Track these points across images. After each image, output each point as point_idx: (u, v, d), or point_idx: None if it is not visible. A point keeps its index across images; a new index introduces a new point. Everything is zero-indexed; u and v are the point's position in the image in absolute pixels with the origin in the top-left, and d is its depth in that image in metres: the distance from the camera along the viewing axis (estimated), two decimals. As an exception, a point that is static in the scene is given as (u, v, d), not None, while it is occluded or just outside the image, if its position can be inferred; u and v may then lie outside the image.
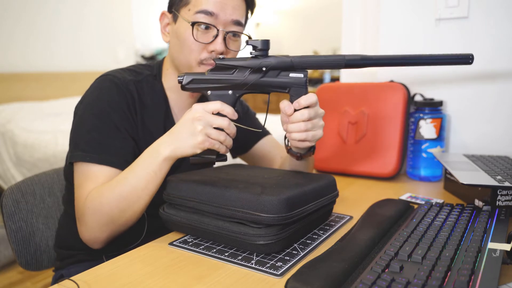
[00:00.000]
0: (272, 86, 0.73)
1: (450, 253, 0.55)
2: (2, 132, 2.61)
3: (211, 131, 0.68)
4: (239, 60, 0.72)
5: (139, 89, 0.86)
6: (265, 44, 0.71)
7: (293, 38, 5.18)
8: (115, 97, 0.82)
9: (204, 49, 0.82)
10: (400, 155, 1.10)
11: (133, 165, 0.73)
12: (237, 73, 0.72)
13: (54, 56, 3.40)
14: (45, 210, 1.01)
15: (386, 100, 1.12)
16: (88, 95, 0.84)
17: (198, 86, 0.72)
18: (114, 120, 0.80)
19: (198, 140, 0.68)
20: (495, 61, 1.06)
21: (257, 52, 0.71)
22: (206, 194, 0.67)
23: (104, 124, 0.79)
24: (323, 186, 0.72)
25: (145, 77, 0.89)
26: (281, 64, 0.71)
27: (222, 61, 0.72)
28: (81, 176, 0.77)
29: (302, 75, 0.72)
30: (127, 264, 0.62)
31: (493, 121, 1.08)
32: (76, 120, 0.83)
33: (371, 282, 0.48)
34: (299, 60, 0.71)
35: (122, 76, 0.85)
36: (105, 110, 0.80)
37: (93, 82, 0.85)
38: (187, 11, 0.82)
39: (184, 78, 0.72)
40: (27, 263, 0.96)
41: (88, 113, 0.81)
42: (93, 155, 0.77)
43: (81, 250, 0.90)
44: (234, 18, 0.82)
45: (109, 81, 0.83)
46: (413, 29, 1.16)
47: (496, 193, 0.76)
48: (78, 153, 0.77)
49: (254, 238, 0.61)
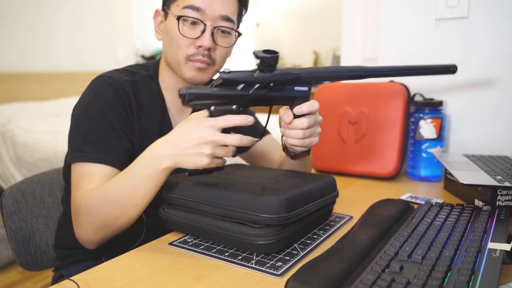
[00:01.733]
0: (277, 100, 0.71)
1: (450, 253, 0.55)
2: (2, 132, 2.61)
3: (219, 151, 0.65)
4: (246, 74, 0.67)
5: (135, 90, 0.86)
6: (274, 60, 0.67)
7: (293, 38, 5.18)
8: (111, 99, 0.82)
9: (192, 44, 0.81)
10: (400, 155, 1.10)
11: (129, 171, 0.70)
12: (243, 88, 0.67)
13: (54, 56, 3.40)
14: (45, 210, 1.01)
15: (386, 100, 1.12)
16: (84, 97, 0.83)
17: (201, 102, 0.66)
18: (110, 120, 0.80)
19: (203, 162, 0.64)
20: (495, 61, 1.06)
21: (265, 68, 0.68)
22: (206, 194, 0.67)
23: (100, 125, 0.79)
24: (323, 186, 0.72)
25: (141, 77, 0.88)
26: (289, 79, 0.69)
27: (228, 75, 0.66)
28: (77, 176, 0.77)
29: (306, 88, 0.71)
30: (127, 264, 0.62)
31: (493, 121, 1.08)
32: (72, 122, 0.83)
33: (371, 282, 0.48)
34: (307, 75, 0.70)
35: (118, 77, 0.85)
36: (101, 110, 0.80)
37: (89, 84, 0.85)
38: (175, 6, 0.82)
39: (187, 94, 0.65)
40: (27, 263, 0.96)
41: (84, 115, 0.81)
42: (89, 154, 0.76)
43: (80, 250, 0.90)
44: (222, 13, 0.81)
45: (105, 82, 0.83)
46: (413, 29, 1.16)
47: (496, 193, 0.76)
48: (75, 154, 0.78)
49: (254, 238, 0.61)
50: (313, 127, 0.72)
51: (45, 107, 2.96)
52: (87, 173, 0.76)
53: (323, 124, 1.19)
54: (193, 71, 0.84)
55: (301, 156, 0.79)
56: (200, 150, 0.64)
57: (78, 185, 0.76)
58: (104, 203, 0.70)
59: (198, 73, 0.84)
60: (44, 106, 2.98)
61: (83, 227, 0.74)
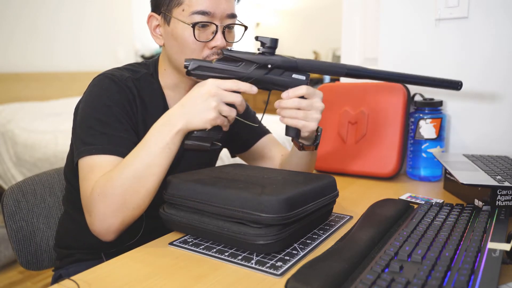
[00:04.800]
0: (274, 84, 0.76)
1: (450, 253, 0.55)
2: (2, 132, 2.61)
3: (224, 108, 0.71)
4: (246, 54, 0.74)
5: (137, 86, 0.86)
6: (274, 42, 0.74)
7: (293, 38, 5.17)
8: (115, 94, 0.82)
9: (205, 46, 0.82)
10: (400, 155, 1.10)
11: (144, 141, 0.73)
12: (242, 67, 0.74)
13: (54, 56, 3.40)
14: (45, 210, 1.01)
15: (386, 100, 1.12)
16: (87, 94, 0.83)
17: (203, 73, 0.74)
18: (116, 114, 0.80)
19: (211, 116, 0.70)
20: (495, 61, 1.06)
21: (265, 49, 0.74)
22: (206, 194, 0.67)
23: (107, 118, 0.79)
24: (323, 186, 0.72)
25: (142, 75, 0.89)
26: (286, 63, 0.75)
27: (230, 53, 0.74)
28: (86, 169, 0.76)
29: (304, 78, 0.76)
30: (127, 264, 0.62)
31: (493, 121, 1.08)
32: (78, 119, 0.82)
33: (371, 282, 0.48)
34: (304, 63, 0.75)
35: (119, 74, 0.85)
36: (107, 105, 0.80)
37: (91, 82, 0.85)
38: (180, 11, 0.81)
39: (191, 63, 0.74)
40: (28, 263, 0.96)
41: (90, 110, 0.80)
42: (99, 146, 0.76)
43: (80, 249, 0.90)
44: (228, 12, 0.82)
45: (108, 79, 0.83)
46: (413, 29, 1.16)
47: (496, 193, 0.77)
48: (83, 148, 0.76)
49: (254, 238, 0.61)
50: (307, 110, 0.75)
51: (45, 107, 2.96)
52: (97, 164, 0.75)
53: (323, 124, 1.19)
54: None
55: (308, 148, 0.84)
56: (207, 104, 0.70)
57: (87, 177, 0.75)
58: (121, 179, 0.70)
59: None
60: (44, 106, 2.98)
61: (99, 213, 0.71)
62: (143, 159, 0.71)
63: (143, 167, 0.71)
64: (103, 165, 0.74)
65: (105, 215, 0.71)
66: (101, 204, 0.71)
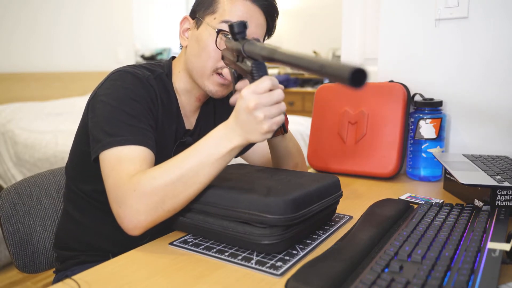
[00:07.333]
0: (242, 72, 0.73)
1: (450, 253, 0.55)
2: (2, 132, 2.61)
3: (272, 112, 0.65)
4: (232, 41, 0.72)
5: (158, 85, 0.86)
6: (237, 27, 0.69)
7: (293, 38, 5.17)
8: (140, 90, 0.81)
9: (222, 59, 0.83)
10: (400, 155, 1.10)
11: (195, 149, 0.70)
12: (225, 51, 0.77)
13: (54, 56, 3.40)
14: (42, 212, 0.99)
15: (386, 100, 1.12)
16: (108, 87, 0.81)
17: None
18: (141, 109, 0.79)
19: (265, 128, 0.65)
20: (495, 61, 1.06)
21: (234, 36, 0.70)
22: (211, 196, 0.67)
23: (133, 111, 0.78)
24: (327, 187, 0.73)
25: (159, 74, 0.89)
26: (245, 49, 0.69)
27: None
28: (113, 160, 0.73)
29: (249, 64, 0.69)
30: (127, 264, 0.62)
31: (493, 121, 1.08)
32: (99, 112, 0.79)
33: (371, 282, 0.48)
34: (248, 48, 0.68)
35: (141, 71, 0.85)
36: (132, 99, 0.79)
37: (110, 76, 0.83)
38: (212, 19, 0.83)
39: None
40: (25, 266, 0.95)
41: (115, 102, 0.78)
42: (128, 137, 0.74)
43: (83, 252, 0.90)
44: (255, 36, 0.84)
45: (131, 75, 0.82)
46: (413, 29, 1.16)
47: (496, 193, 0.77)
48: (109, 139, 0.74)
49: (259, 237, 0.61)
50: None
51: (45, 107, 2.96)
52: (125, 156, 0.73)
53: (323, 124, 1.19)
54: (216, 86, 0.86)
55: (277, 134, 0.86)
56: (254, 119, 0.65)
57: (116, 169, 0.72)
58: (166, 180, 0.68)
59: (220, 88, 0.87)
60: (44, 106, 2.98)
61: (132, 209, 0.69)
62: (193, 166, 0.68)
63: (191, 174, 0.68)
64: (132, 157, 0.73)
65: (138, 212, 0.69)
66: (137, 200, 0.68)
